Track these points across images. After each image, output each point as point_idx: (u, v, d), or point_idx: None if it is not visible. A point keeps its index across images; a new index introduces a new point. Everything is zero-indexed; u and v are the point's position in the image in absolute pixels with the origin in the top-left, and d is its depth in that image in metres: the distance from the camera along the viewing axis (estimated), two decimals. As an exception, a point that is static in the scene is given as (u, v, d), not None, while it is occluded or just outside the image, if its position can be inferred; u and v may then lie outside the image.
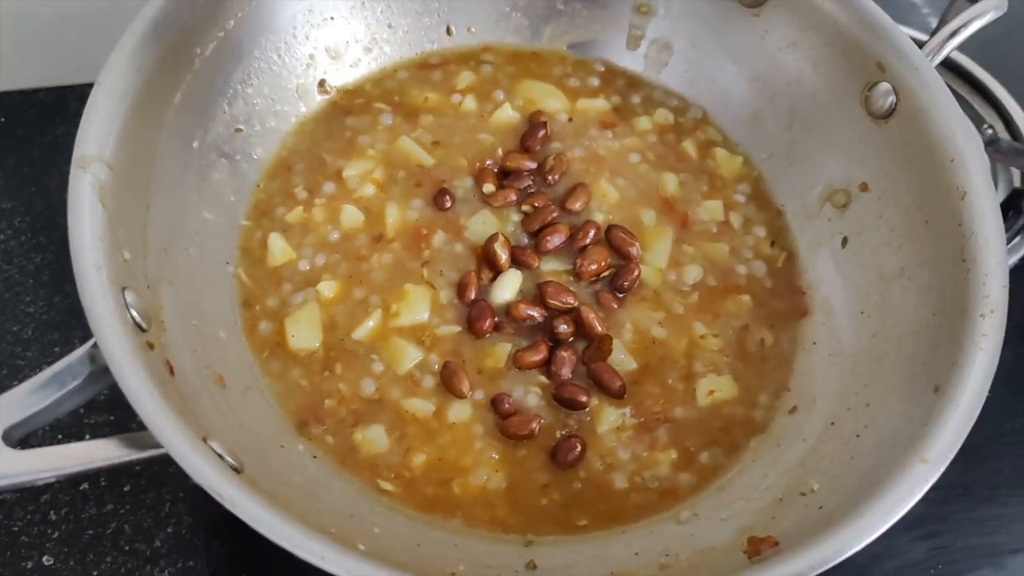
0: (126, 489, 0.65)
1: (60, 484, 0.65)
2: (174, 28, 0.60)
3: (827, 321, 0.67)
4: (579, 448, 0.60)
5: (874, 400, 0.59)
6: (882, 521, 0.47)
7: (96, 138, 0.53)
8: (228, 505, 0.43)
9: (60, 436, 0.66)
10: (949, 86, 0.93)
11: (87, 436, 0.66)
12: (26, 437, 0.49)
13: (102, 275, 0.49)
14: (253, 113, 0.69)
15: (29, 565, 0.61)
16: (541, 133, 0.72)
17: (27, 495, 0.64)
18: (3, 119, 0.84)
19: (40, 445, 0.49)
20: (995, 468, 0.71)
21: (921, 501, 0.49)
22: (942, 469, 0.49)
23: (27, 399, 0.46)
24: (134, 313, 0.50)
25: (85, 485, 0.65)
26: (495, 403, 0.61)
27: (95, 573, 0.62)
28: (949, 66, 0.94)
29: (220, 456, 0.47)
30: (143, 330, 0.50)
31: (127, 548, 0.63)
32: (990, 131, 0.91)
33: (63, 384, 0.47)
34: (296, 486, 0.54)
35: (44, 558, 0.62)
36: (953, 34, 0.65)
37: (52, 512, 0.64)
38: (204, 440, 0.47)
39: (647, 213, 0.71)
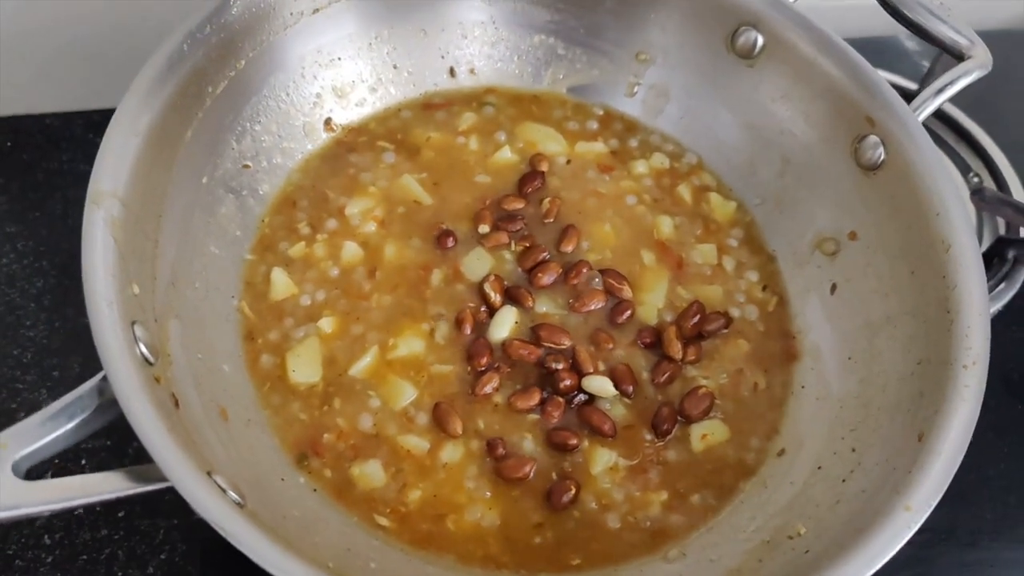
0: (120, 515, 0.65)
1: (55, 508, 0.65)
2: (188, 67, 0.61)
3: (815, 365, 0.68)
4: (573, 491, 0.60)
5: (860, 445, 0.60)
6: (866, 567, 0.48)
7: (110, 174, 0.54)
8: (234, 541, 0.44)
9: (56, 459, 0.64)
10: (937, 135, 0.96)
11: (83, 460, 0.67)
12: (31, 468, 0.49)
13: (113, 311, 0.50)
14: (260, 150, 0.70)
15: (23, 589, 0.61)
16: (537, 181, 0.74)
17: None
18: (10, 143, 0.85)
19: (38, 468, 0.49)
20: (977, 513, 0.73)
21: (908, 544, 0.50)
22: (924, 516, 0.50)
23: (37, 430, 0.47)
24: (143, 347, 0.51)
25: (80, 510, 0.64)
26: (489, 447, 0.62)
27: (88, 599, 0.61)
28: (938, 115, 0.95)
29: (224, 490, 0.47)
30: (150, 364, 0.51)
31: (120, 574, 0.63)
32: (976, 180, 0.93)
33: (72, 416, 0.48)
34: (294, 520, 0.54)
35: (38, 582, 0.62)
36: (940, 91, 0.67)
37: (47, 536, 0.64)
38: (209, 474, 0.47)
39: (645, 254, 0.72)
